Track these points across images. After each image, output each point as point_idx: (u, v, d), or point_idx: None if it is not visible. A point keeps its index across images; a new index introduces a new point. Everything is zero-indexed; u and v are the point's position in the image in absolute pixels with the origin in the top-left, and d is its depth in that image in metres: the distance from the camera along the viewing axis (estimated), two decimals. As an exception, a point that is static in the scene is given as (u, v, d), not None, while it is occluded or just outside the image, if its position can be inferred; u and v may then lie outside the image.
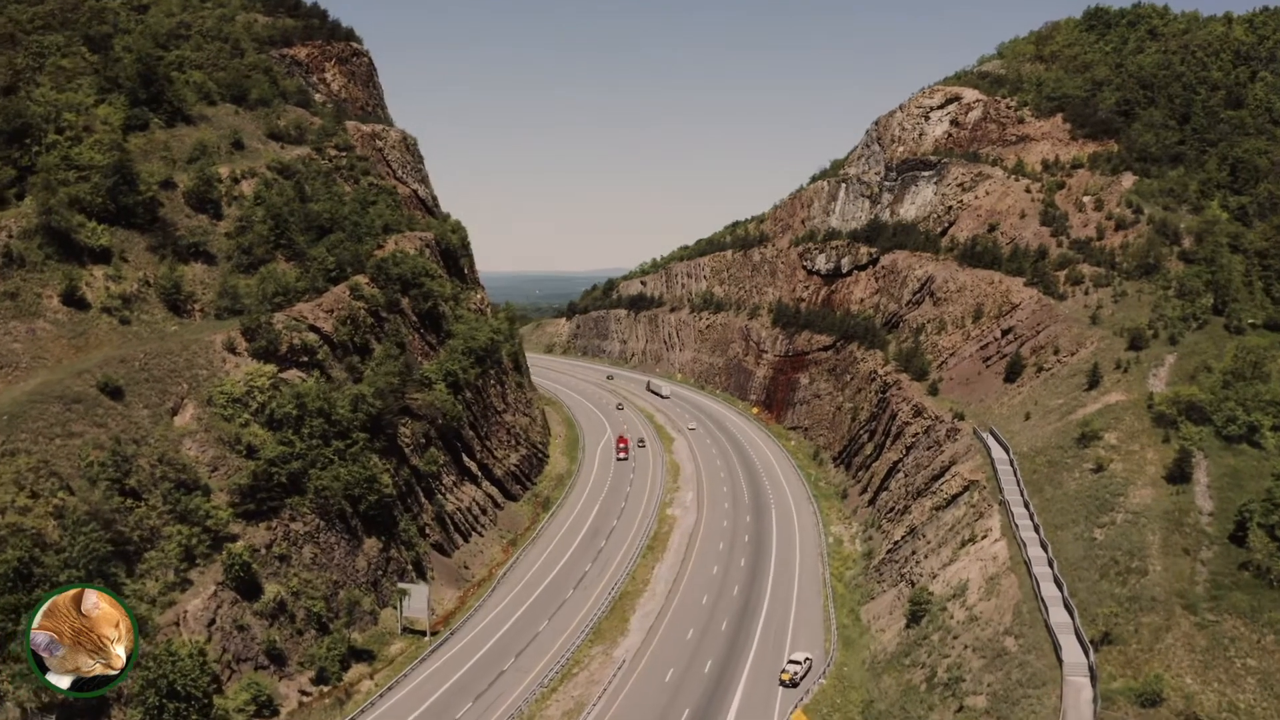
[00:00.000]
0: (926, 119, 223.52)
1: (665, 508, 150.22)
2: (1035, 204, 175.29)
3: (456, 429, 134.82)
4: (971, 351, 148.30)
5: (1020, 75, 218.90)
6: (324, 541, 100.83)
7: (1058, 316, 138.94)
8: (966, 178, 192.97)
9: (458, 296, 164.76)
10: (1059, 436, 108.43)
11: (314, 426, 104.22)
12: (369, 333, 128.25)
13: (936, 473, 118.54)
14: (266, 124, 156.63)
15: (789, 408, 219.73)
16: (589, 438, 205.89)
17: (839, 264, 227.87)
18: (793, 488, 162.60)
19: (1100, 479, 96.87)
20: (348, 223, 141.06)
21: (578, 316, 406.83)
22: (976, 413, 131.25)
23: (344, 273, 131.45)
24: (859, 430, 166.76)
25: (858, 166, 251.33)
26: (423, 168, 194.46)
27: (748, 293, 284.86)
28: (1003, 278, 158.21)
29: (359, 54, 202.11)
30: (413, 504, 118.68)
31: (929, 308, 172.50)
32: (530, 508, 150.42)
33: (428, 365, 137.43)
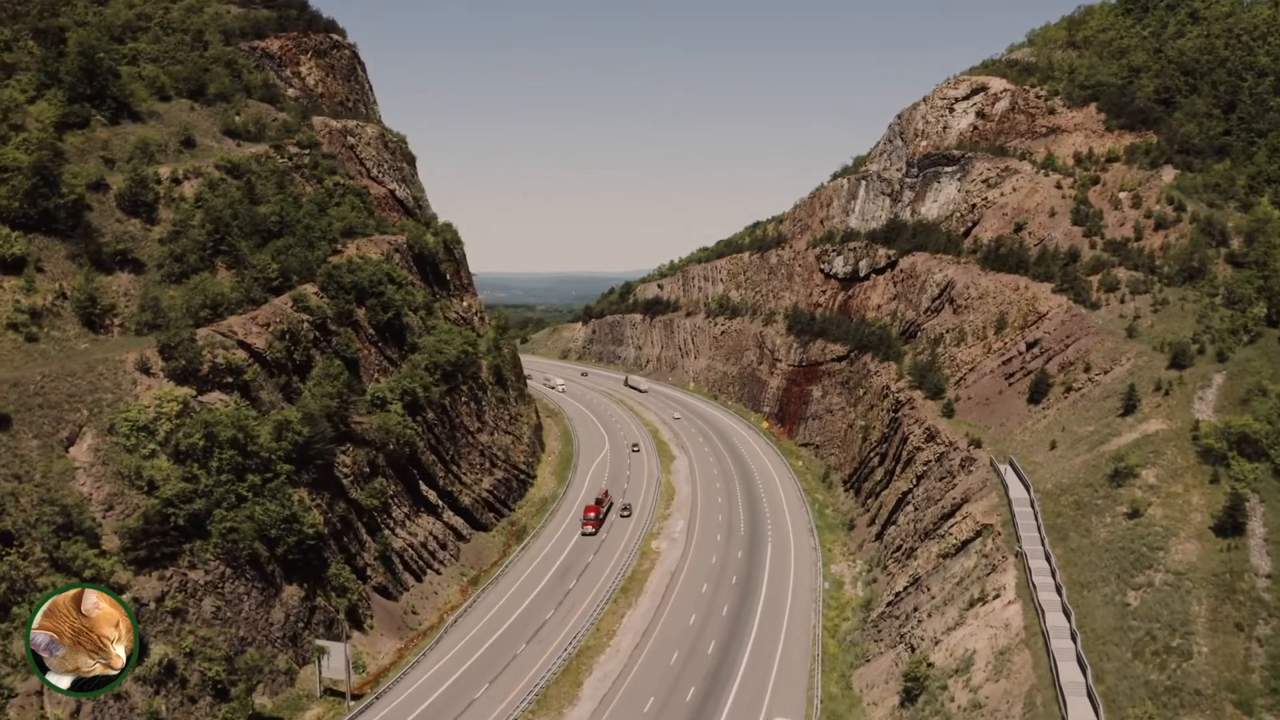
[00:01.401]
0: (951, 111, 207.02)
1: (651, 539, 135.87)
2: (1066, 201, 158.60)
3: (413, 454, 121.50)
4: (992, 367, 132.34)
5: (1051, 63, 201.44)
6: (230, 592, 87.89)
7: (1089, 328, 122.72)
8: (992, 173, 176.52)
9: (430, 305, 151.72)
10: (1088, 472, 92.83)
11: (225, 459, 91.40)
12: (313, 348, 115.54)
13: (946, 511, 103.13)
14: (223, 120, 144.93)
15: (801, 422, 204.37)
16: (584, 455, 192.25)
17: (856, 267, 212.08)
18: (794, 517, 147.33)
19: (1136, 527, 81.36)
20: (299, 226, 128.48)
21: (594, 321, 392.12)
22: (995, 439, 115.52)
23: (289, 282, 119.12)
24: (869, 452, 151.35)
25: (879, 163, 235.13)
26: (404, 167, 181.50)
27: (764, 297, 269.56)
28: (1029, 283, 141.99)
29: (339, 46, 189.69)
30: (350, 543, 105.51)
31: (948, 316, 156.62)
32: (503, 538, 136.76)
33: (383, 383, 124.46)
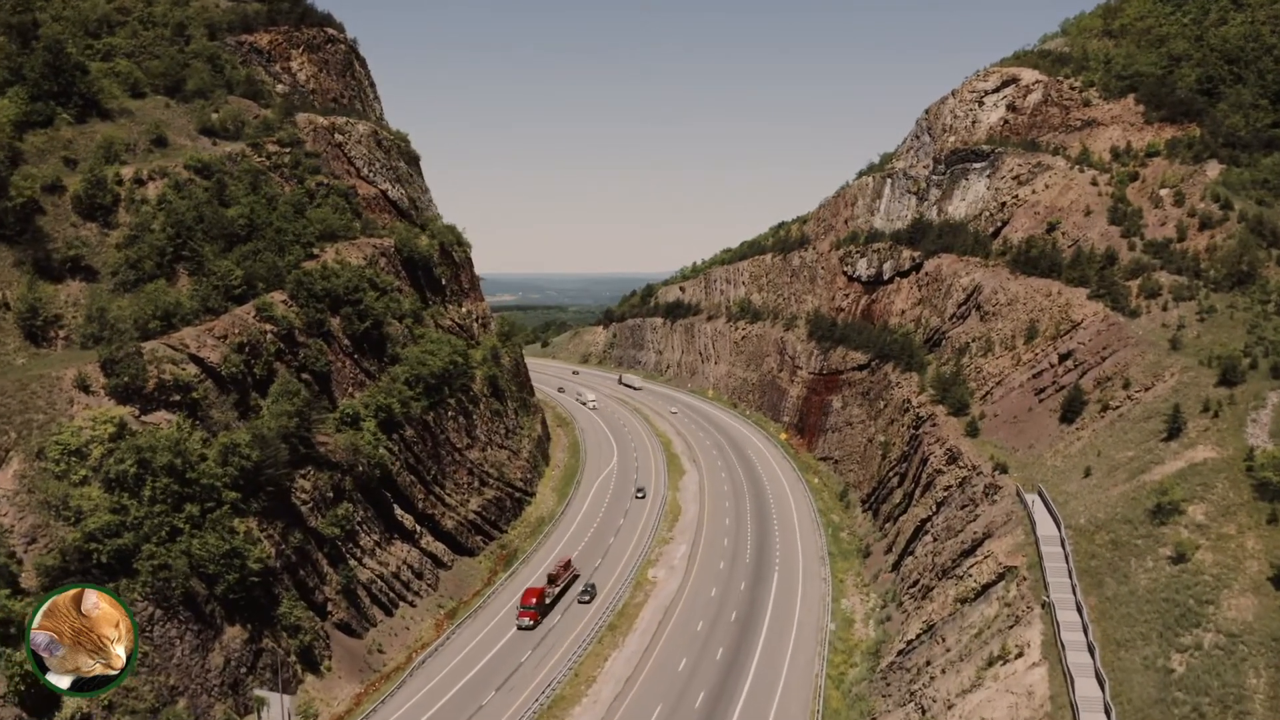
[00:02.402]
0: (980, 104, 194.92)
1: (648, 567, 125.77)
2: (1103, 199, 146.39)
3: (386, 475, 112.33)
4: (1021, 380, 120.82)
5: (1086, 52, 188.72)
6: (160, 636, 79.02)
7: (1128, 338, 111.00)
8: (1023, 169, 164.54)
9: (419, 313, 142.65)
10: (1127, 505, 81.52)
11: (159, 487, 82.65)
12: (276, 361, 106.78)
13: (966, 546, 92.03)
14: (199, 118, 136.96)
15: (820, 434, 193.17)
16: (590, 469, 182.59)
17: (880, 269, 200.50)
18: (806, 541, 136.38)
19: (1181, 575, 70.19)
20: (270, 230, 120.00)
21: (614, 325, 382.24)
22: (1023, 462, 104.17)
23: (255, 289, 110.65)
24: (889, 471, 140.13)
25: (906, 160, 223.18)
26: (400, 166, 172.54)
27: (786, 301, 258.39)
28: (1062, 288, 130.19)
29: (334, 41, 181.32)
30: (308, 576, 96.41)
31: (975, 323, 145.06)
32: (490, 564, 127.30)
33: (357, 398, 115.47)
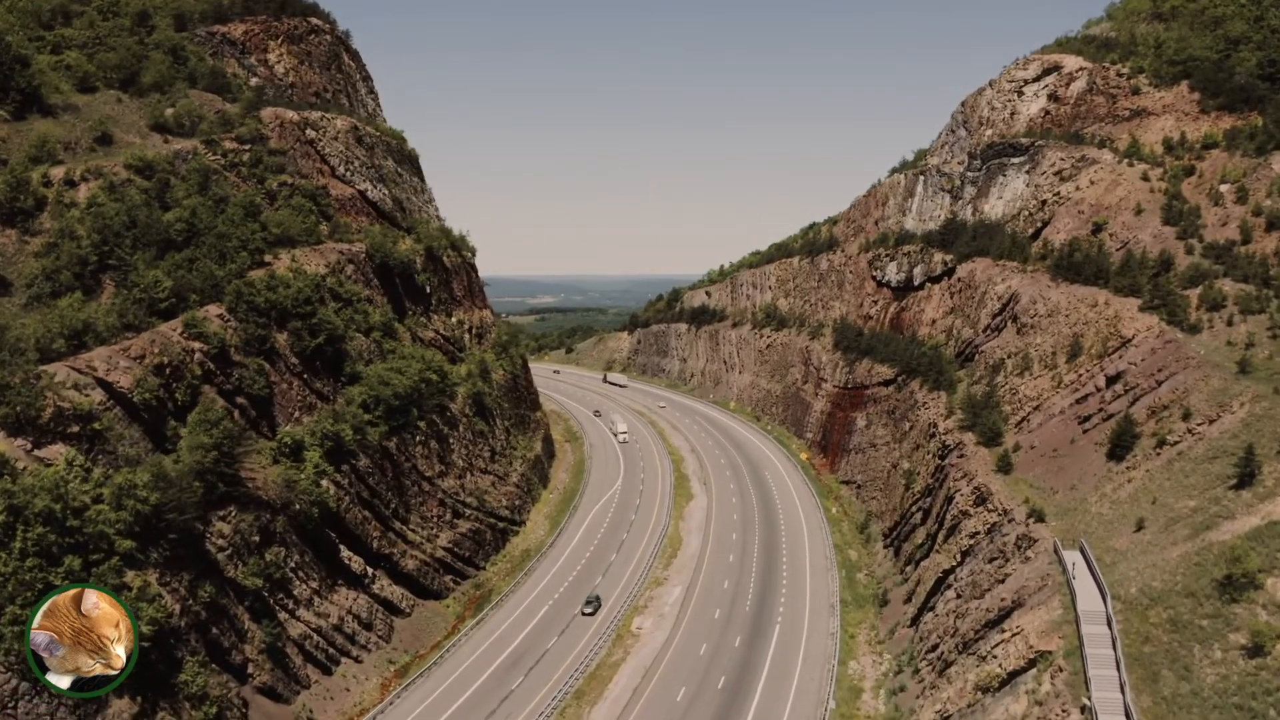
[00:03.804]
0: (1019, 95, 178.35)
1: (635, 614, 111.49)
2: (1155, 195, 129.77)
3: (330, 513, 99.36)
4: (1063, 406, 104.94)
5: (1134, 37, 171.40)
6: (24, 713, 66.17)
7: (1188, 359, 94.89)
8: (1066, 163, 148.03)
9: (391, 325, 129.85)
10: (1190, 573, 66.03)
11: (32, 538, 70.08)
12: (205, 385, 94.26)
13: (993, 616, 76.66)
14: (151, 113, 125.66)
15: (843, 455, 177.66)
16: (592, 491, 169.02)
17: (910, 274, 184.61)
18: (817, 585, 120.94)
19: (1260, 673, 54.82)
20: (211, 235, 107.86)
21: (639, 330, 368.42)
22: (1063, 507, 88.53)
23: (187, 302, 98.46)
24: (912, 505, 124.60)
25: (940, 156, 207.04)
26: (386, 164, 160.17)
27: (812, 307, 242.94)
28: (1110, 298, 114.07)
29: (317, 31, 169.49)
30: (224, 634, 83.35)
31: (1011, 336, 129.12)
32: (458, 608, 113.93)
33: (305, 424, 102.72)
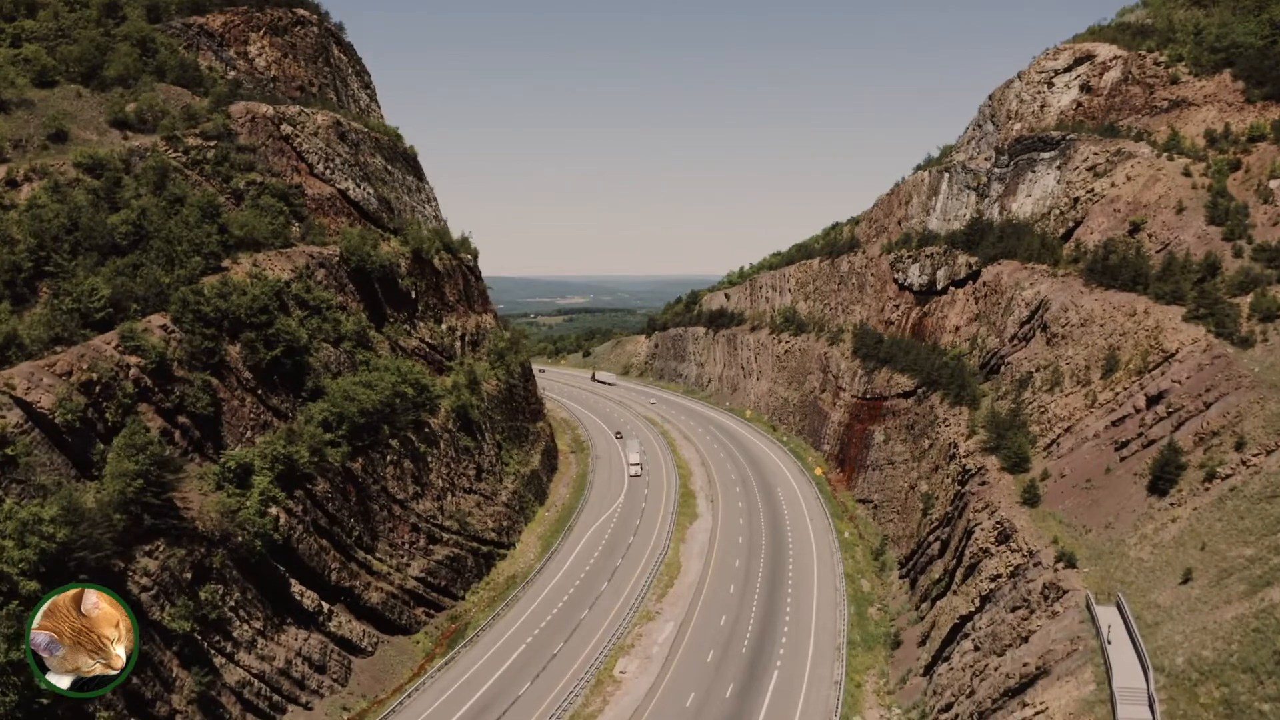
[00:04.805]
0: (1049, 86, 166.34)
1: (619, 655, 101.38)
2: (1198, 192, 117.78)
3: (279, 544, 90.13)
4: (1097, 429, 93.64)
5: (1172, 23, 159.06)
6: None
7: (1240, 377, 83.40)
8: (1100, 158, 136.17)
9: (365, 334, 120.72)
10: (1247, 640, 55.08)
11: (-89, 584, 61.69)
12: (142, 403, 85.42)
13: (1014, 684, 65.81)
14: (112, 108, 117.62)
15: (861, 471, 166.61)
16: (592, 508, 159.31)
17: (933, 277, 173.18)
18: (823, 621, 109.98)
19: (1348, 784, 43.92)
20: (158, 239, 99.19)
21: (657, 334, 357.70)
22: (1097, 550, 77.42)
23: (127, 313, 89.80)
24: (929, 534, 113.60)
25: (966, 152, 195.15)
26: (371, 161, 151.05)
27: (832, 311, 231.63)
28: (1150, 305, 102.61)
29: (304, 23, 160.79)
30: (146, 684, 74.07)
31: (1040, 347, 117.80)
32: (429, 644, 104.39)
33: (257, 445, 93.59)
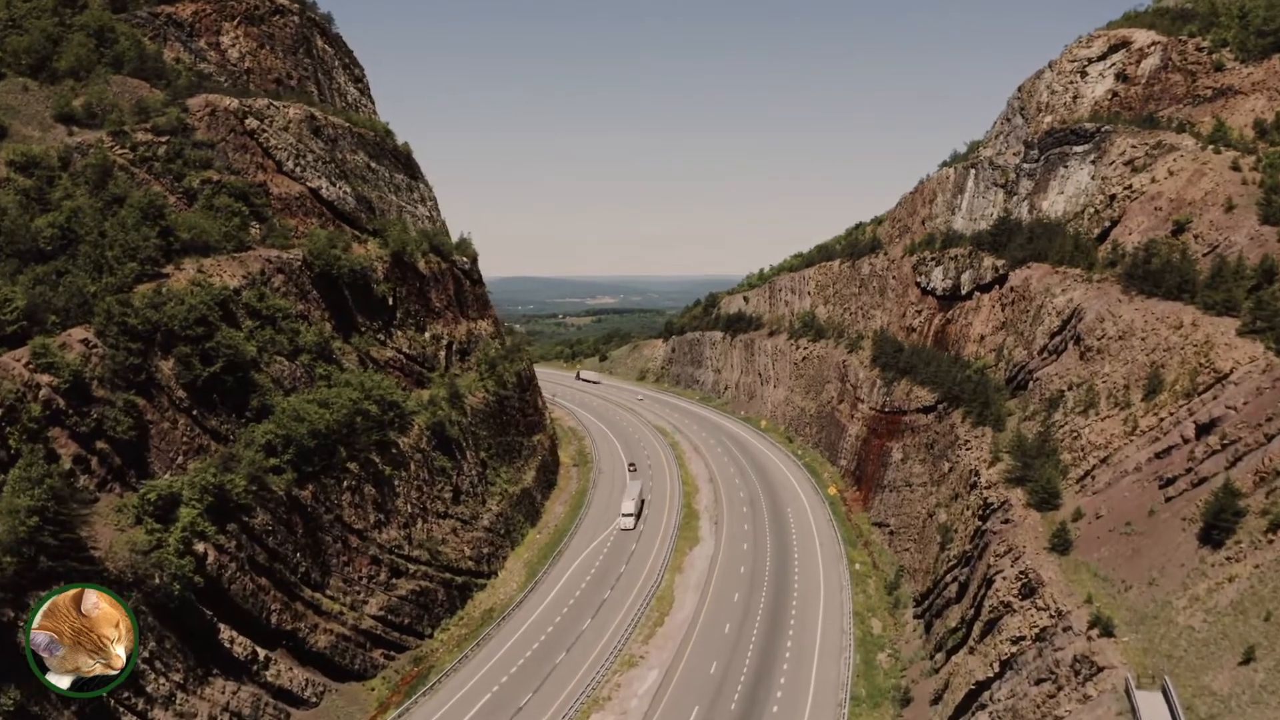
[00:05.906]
0: (1083, 75, 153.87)
1: (592, 710, 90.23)
2: (1249, 188, 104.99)
3: (214, 585, 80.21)
4: (1139, 461, 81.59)
5: (1214, 6, 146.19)
6: None
7: (1310, 403, 71.32)
8: (1138, 151, 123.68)
9: (328, 346, 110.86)
10: (1335, 750, 43.45)
11: None
12: (52, 428, 75.87)
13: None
14: (58, 102, 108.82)
15: (877, 491, 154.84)
16: (587, 529, 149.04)
17: (957, 281, 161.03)
18: (825, 671, 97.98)
19: None
20: (86, 243, 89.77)
21: (674, 338, 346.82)
22: (1138, 612, 65.58)
23: (44, 325, 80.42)
24: (947, 572, 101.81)
25: (994, 147, 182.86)
26: (352, 158, 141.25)
27: (852, 315, 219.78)
28: (1198, 316, 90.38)
29: (283, 12, 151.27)
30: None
31: (1072, 362, 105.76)
32: (385, 690, 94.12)
33: (189, 473, 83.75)
